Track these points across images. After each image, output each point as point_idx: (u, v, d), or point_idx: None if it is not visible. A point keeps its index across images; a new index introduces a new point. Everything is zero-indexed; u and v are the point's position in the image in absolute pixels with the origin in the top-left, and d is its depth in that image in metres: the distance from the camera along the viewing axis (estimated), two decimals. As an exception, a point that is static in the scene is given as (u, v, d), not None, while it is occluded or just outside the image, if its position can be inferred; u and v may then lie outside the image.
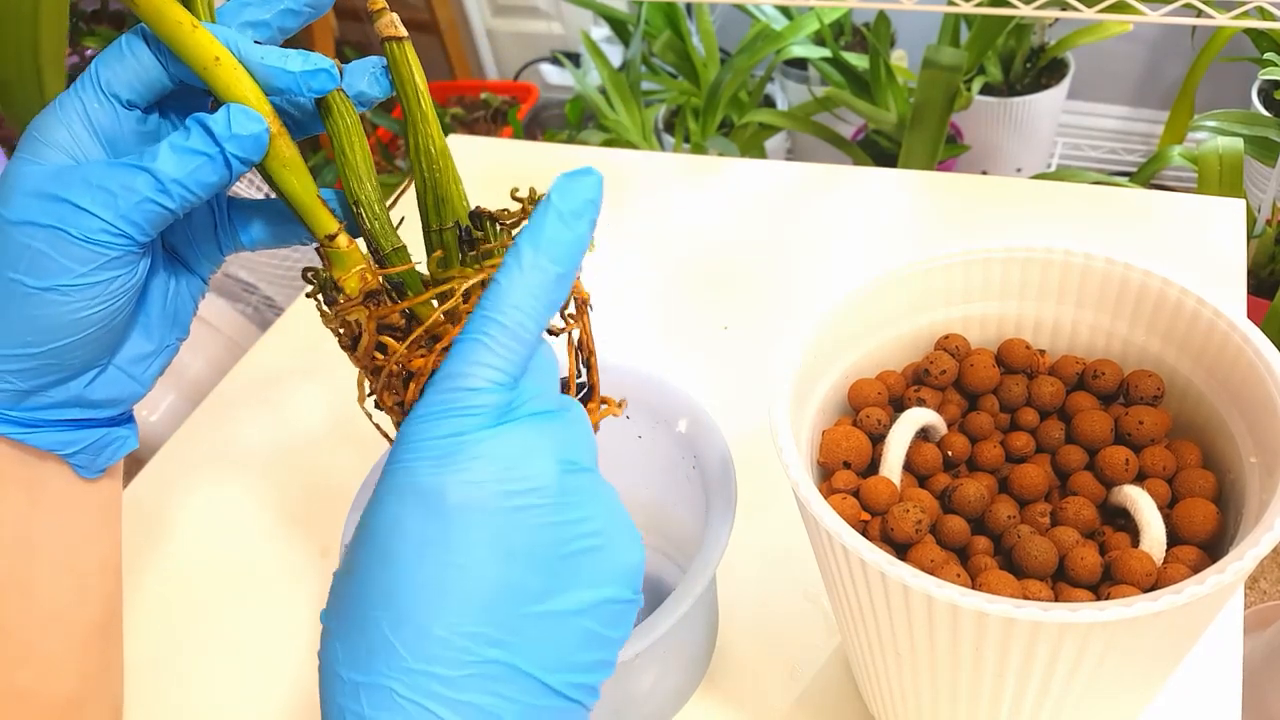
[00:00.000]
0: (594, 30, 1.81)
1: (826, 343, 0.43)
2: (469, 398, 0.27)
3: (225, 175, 0.31)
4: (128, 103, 0.32)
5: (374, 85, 0.34)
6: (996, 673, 0.35)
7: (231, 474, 0.68)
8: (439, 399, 0.27)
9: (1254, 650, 0.94)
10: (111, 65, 0.32)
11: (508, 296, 0.28)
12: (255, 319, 1.26)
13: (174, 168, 0.30)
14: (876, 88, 1.42)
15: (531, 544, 0.26)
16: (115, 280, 0.32)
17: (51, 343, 0.32)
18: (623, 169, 0.89)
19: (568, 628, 0.27)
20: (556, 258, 0.28)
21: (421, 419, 0.27)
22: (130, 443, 0.38)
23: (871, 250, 0.77)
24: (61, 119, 0.32)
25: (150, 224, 0.31)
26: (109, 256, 0.31)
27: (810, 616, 0.54)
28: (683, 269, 0.77)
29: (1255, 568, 0.61)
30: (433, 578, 0.26)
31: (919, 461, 0.43)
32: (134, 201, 0.30)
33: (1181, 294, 0.41)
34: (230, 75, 0.31)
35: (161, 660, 0.58)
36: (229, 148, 0.31)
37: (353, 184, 0.34)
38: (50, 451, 0.35)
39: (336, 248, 0.33)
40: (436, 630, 0.25)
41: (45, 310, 0.31)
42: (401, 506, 0.26)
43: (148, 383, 0.37)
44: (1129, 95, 1.67)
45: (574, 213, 0.28)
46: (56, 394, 0.34)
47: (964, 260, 0.45)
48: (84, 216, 0.30)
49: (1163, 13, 0.80)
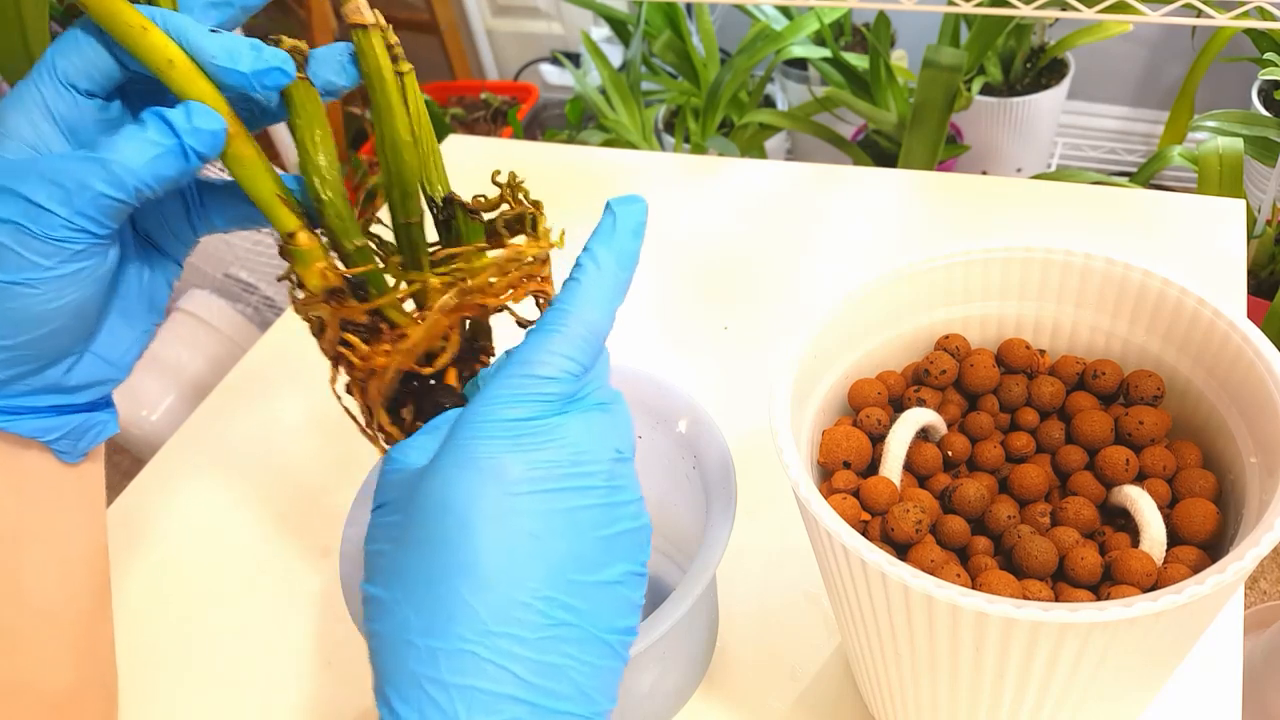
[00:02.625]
0: (594, 30, 1.81)
1: (826, 343, 0.43)
2: (543, 385, 0.29)
3: (184, 168, 0.31)
4: (86, 92, 0.32)
5: (342, 74, 0.33)
6: (997, 673, 0.35)
7: (232, 473, 0.68)
8: (514, 383, 0.29)
9: (1254, 650, 0.94)
10: (67, 55, 0.31)
11: (587, 292, 0.30)
12: (255, 319, 1.26)
13: (130, 159, 0.30)
14: (876, 88, 1.42)
15: (593, 520, 0.29)
16: (84, 270, 0.31)
17: (25, 334, 0.32)
18: (623, 169, 0.89)
19: (614, 594, 0.29)
20: (625, 264, 0.31)
21: (495, 400, 0.29)
22: (111, 427, 0.38)
23: (871, 250, 0.77)
24: (21, 109, 0.31)
25: (107, 217, 0.31)
26: (73, 250, 0.30)
27: (810, 616, 0.54)
28: (683, 269, 0.77)
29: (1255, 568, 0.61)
30: (512, 544, 0.27)
31: (919, 461, 0.43)
32: (88, 197, 0.30)
33: (1181, 294, 0.41)
34: (185, 77, 0.31)
35: (163, 659, 0.58)
36: (188, 141, 0.30)
37: (314, 181, 0.33)
38: (32, 438, 0.35)
39: (297, 245, 0.33)
40: (519, 595, 0.27)
41: (15, 303, 0.31)
42: (475, 479, 0.28)
43: (126, 368, 0.37)
44: (1129, 95, 1.67)
45: (634, 229, 0.32)
46: (34, 382, 0.34)
47: (964, 260, 0.45)
48: (42, 214, 0.30)
49: (1163, 13, 0.80)
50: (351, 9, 0.32)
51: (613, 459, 0.30)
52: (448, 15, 1.89)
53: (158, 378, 1.17)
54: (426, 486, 0.28)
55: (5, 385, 0.33)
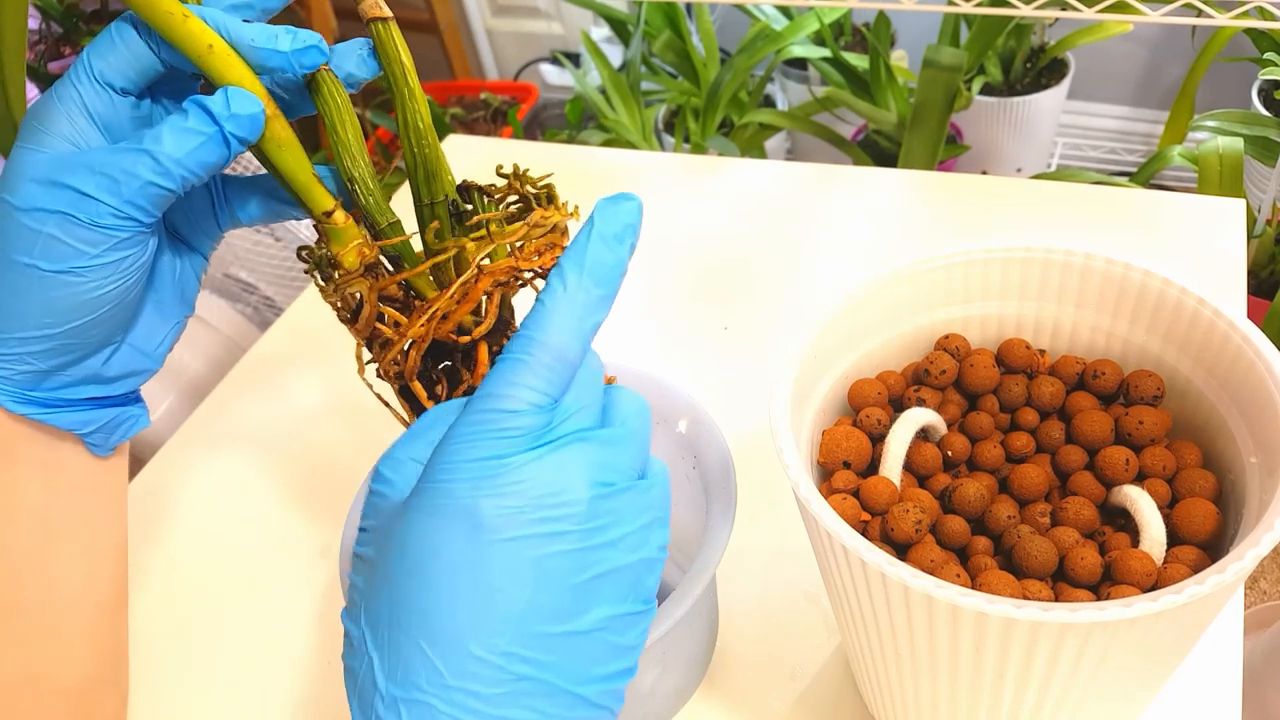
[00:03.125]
0: (594, 30, 1.81)
1: (826, 343, 0.43)
2: (508, 419, 0.27)
3: (224, 155, 0.32)
4: (121, 90, 0.33)
5: (362, 66, 0.34)
6: (996, 673, 0.35)
7: (231, 473, 0.68)
8: (478, 419, 0.27)
9: (1254, 650, 0.94)
10: (104, 55, 0.32)
11: (551, 317, 0.28)
12: (255, 319, 1.26)
13: (174, 148, 0.31)
14: (876, 88, 1.42)
15: (561, 568, 0.27)
16: (126, 259, 0.33)
17: (69, 323, 0.33)
18: (623, 169, 0.89)
19: (591, 642, 0.27)
20: (599, 279, 0.29)
21: (460, 439, 0.27)
22: (142, 421, 0.39)
23: (871, 250, 0.77)
24: (61, 108, 0.32)
25: (154, 205, 0.32)
26: (119, 238, 0.32)
27: (810, 616, 0.54)
28: (683, 269, 0.77)
29: (1255, 568, 0.61)
30: (468, 598, 0.26)
31: (919, 461, 0.43)
32: (137, 185, 0.31)
33: (1181, 294, 0.41)
34: (224, 62, 0.32)
35: (164, 658, 0.58)
36: (228, 127, 0.31)
37: (346, 161, 0.34)
38: (68, 431, 0.36)
39: (334, 224, 0.34)
40: (474, 649, 0.26)
41: (61, 292, 0.32)
42: (437, 526, 0.26)
43: (159, 359, 0.38)
44: (1129, 95, 1.67)
45: (615, 236, 0.29)
46: (75, 372, 0.35)
47: (964, 260, 0.45)
48: (91, 203, 0.31)
49: (1163, 13, 0.80)
50: (370, 4, 0.33)
51: (595, 495, 0.27)
52: (448, 15, 1.89)
53: (157, 378, 1.17)
54: (395, 527, 0.28)
55: (47, 376, 0.35)
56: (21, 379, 0.34)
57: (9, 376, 0.34)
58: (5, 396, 0.35)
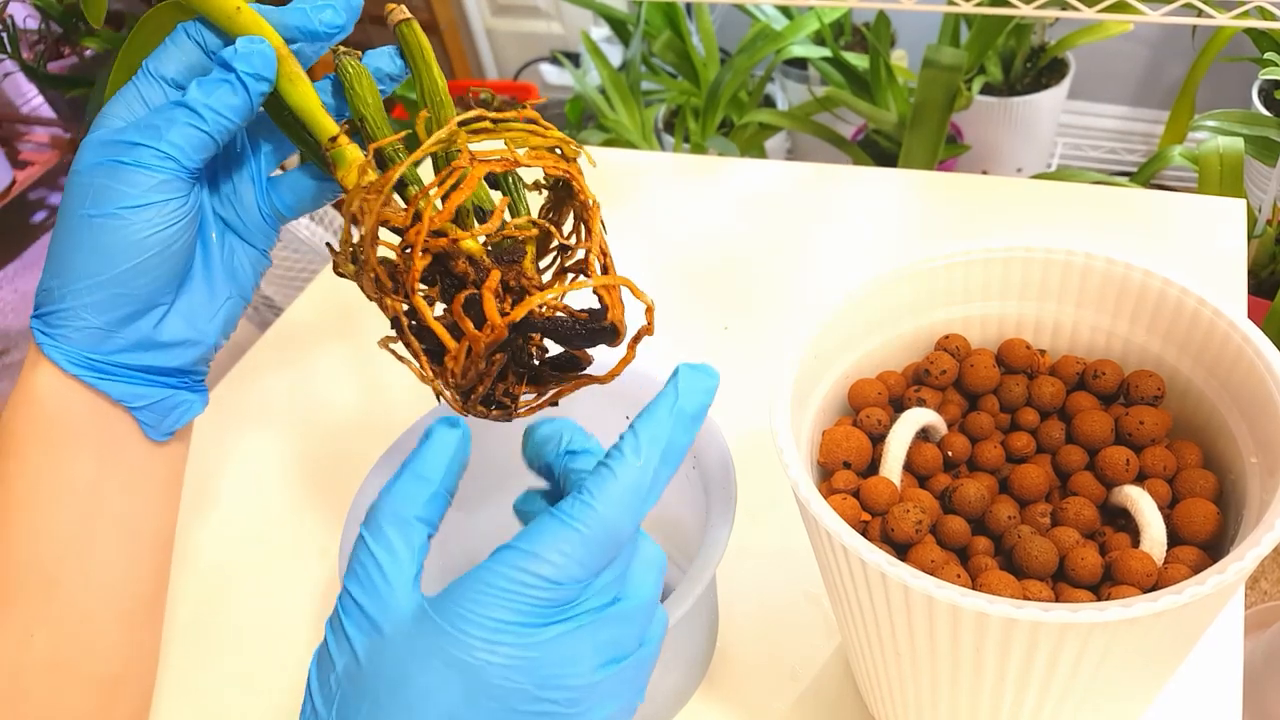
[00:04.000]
0: (594, 30, 1.81)
1: (826, 343, 0.43)
2: (542, 588, 0.27)
3: (244, 94, 0.36)
4: (173, 81, 0.37)
5: (391, 64, 0.39)
6: (997, 673, 0.35)
7: (231, 473, 0.68)
8: (514, 575, 0.27)
9: (1254, 650, 0.94)
10: (159, 56, 0.37)
11: (619, 491, 0.28)
12: (255, 319, 1.26)
13: (202, 95, 0.35)
14: (876, 88, 1.42)
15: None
16: (168, 204, 0.35)
17: (116, 267, 0.35)
18: (623, 169, 0.89)
19: None
20: (670, 458, 0.28)
21: (489, 589, 0.27)
22: (197, 407, 0.40)
23: (871, 250, 0.76)
24: (124, 100, 0.37)
25: (191, 146, 0.35)
26: (159, 179, 0.35)
27: (810, 616, 0.54)
28: (683, 269, 0.77)
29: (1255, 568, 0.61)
30: None
31: (919, 461, 0.42)
32: (174, 128, 0.35)
33: (1182, 294, 0.41)
34: (250, 19, 0.36)
35: (166, 655, 0.58)
36: (240, 66, 0.35)
37: (358, 105, 0.37)
38: (120, 403, 0.37)
39: (339, 148, 0.36)
40: None
41: (109, 236, 0.35)
42: (439, 671, 0.27)
43: (212, 336, 0.39)
44: (1129, 95, 1.67)
45: (696, 414, 0.29)
46: (128, 334, 0.37)
47: (964, 260, 0.45)
48: (136, 149, 0.35)
49: (1163, 13, 0.80)
50: (394, 10, 0.38)
51: (598, 666, 0.28)
52: (448, 15, 1.89)
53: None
54: (393, 650, 0.27)
55: (104, 338, 0.36)
56: (80, 338, 0.36)
57: (68, 335, 0.36)
58: (61, 355, 0.36)
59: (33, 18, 1.71)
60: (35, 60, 1.69)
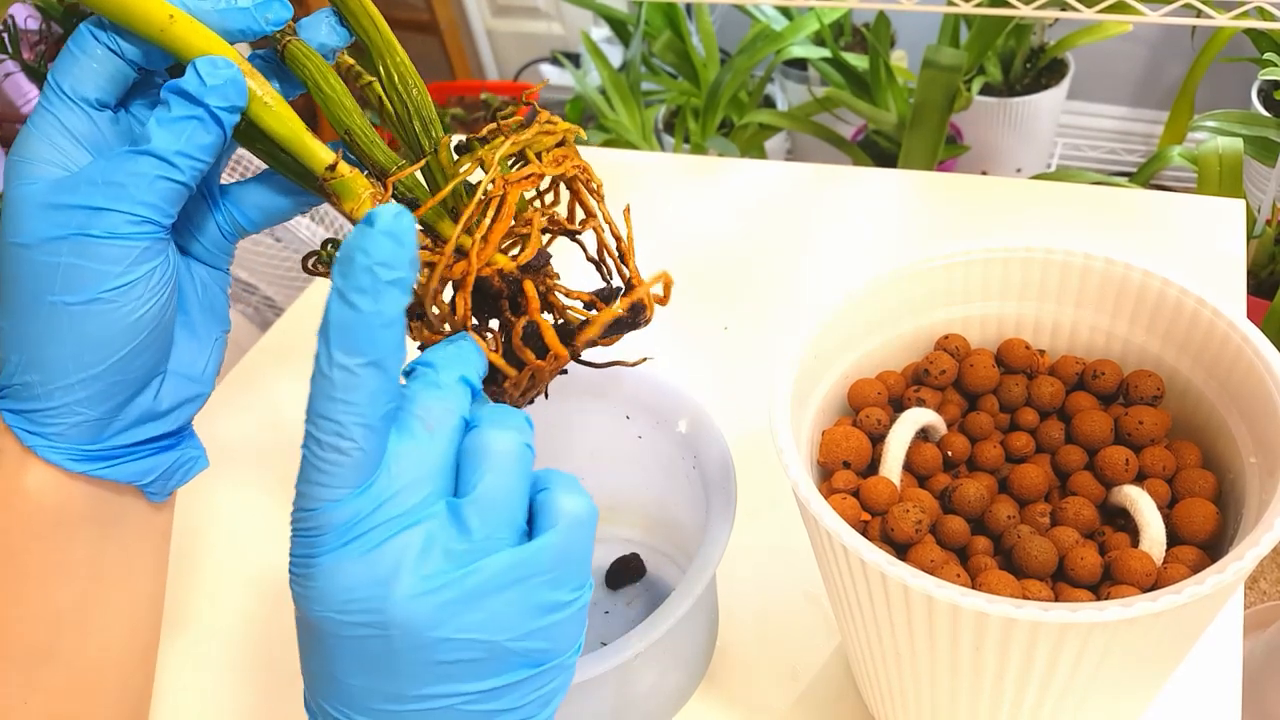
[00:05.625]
0: (594, 30, 1.81)
1: (826, 343, 0.43)
2: (309, 519, 0.26)
3: (218, 132, 0.31)
4: (97, 103, 0.31)
5: (333, 34, 0.34)
6: (996, 673, 0.35)
7: (231, 472, 0.68)
8: (295, 516, 0.27)
9: (1254, 650, 0.94)
10: (68, 70, 0.31)
11: (312, 406, 0.26)
12: (255, 319, 1.26)
13: (170, 140, 0.30)
14: (876, 88, 1.42)
15: (386, 660, 0.26)
16: (154, 272, 0.31)
17: (111, 356, 0.31)
18: (623, 169, 0.89)
19: (452, 711, 0.27)
20: (350, 347, 0.25)
21: (292, 533, 0.27)
22: (201, 462, 0.37)
23: (871, 250, 0.77)
24: (40, 135, 0.31)
25: (168, 202, 0.30)
26: (140, 247, 0.30)
27: (810, 616, 0.54)
28: (682, 269, 0.77)
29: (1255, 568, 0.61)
30: (324, 672, 0.28)
31: (919, 461, 0.43)
32: (145, 184, 0.30)
33: (1181, 294, 0.41)
34: (188, 29, 0.30)
35: (161, 660, 0.58)
36: (210, 101, 0.30)
37: (339, 115, 0.33)
38: (130, 483, 0.34)
39: (340, 178, 0.32)
40: (352, 717, 0.27)
41: (96, 323, 0.30)
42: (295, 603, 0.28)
43: (209, 382, 0.36)
44: (1129, 95, 1.67)
45: (357, 287, 0.24)
46: (129, 413, 0.33)
47: (964, 260, 0.45)
48: (103, 215, 0.29)
49: (1163, 13, 0.80)
50: None
51: (408, 597, 0.26)
52: (448, 15, 1.89)
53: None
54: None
55: (103, 426, 0.32)
56: (76, 433, 0.32)
57: (61, 433, 0.32)
58: (61, 455, 0.32)
59: (33, 18, 1.70)
60: (36, 60, 1.69)
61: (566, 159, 0.33)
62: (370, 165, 0.33)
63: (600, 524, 0.59)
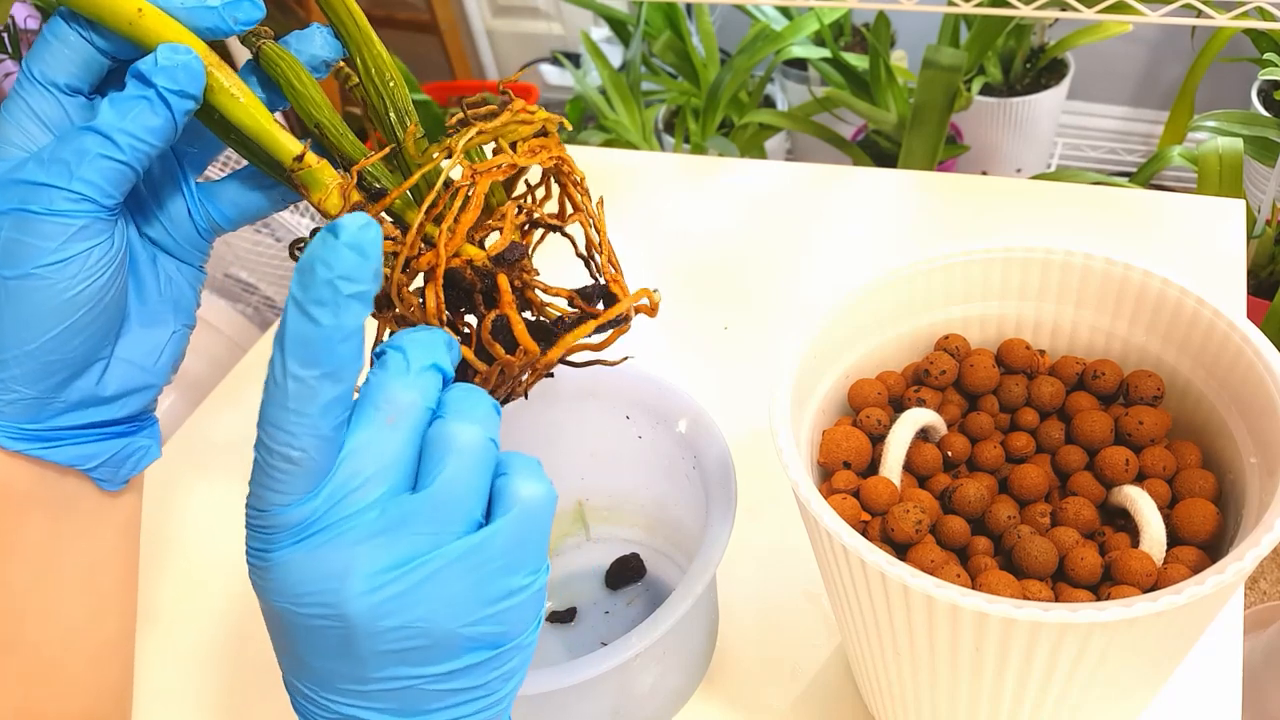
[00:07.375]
0: (594, 30, 1.81)
1: (826, 343, 0.43)
2: (261, 518, 0.27)
3: (166, 115, 0.31)
4: (68, 88, 0.32)
5: (326, 47, 0.34)
6: (996, 673, 0.35)
7: (232, 473, 0.68)
8: (249, 513, 0.27)
9: (1254, 650, 0.94)
10: (41, 56, 0.31)
11: (264, 413, 0.26)
12: (255, 319, 1.26)
13: (115, 118, 0.30)
14: (876, 88, 1.42)
15: (345, 647, 0.27)
16: (92, 252, 0.31)
17: (44, 334, 0.31)
18: (623, 169, 0.89)
19: (414, 690, 0.28)
20: (306, 360, 0.25)
21: (247, 527, 0.28)
22: (153, 453, 0.37)
23: (871, 250, 0.77)
24: (10, 119, 0.31)
25: (108, 181, 0.30)
26: (77, 225, 0.30)
27: (810, 616, 0.54)
28: (682, 269, 0.77)
29: (1255, 568, 0.61)
30: (291, 655, 0.29)
31: (919, 461, 0.43)
32: (86, 161, 0.30)
33: (1181, 294, 0.41)
34: (156, 22, 0.31)
35: (160, 661, 0.58)
36: (159, 82, 0.30)
37: (309, 109, 0.33)
38: (72, 467, 0.34)
39: (308, 168, 0.32)
40: (322, 695, 0.29)
41: (29, 299, 0.30)
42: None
43: (161, 374, 0.36)
44: (1129, 95, 1.67)
45: (317, 300, 0.25)
46: (68, 396, 0.33)
47: (964, 260, 0.45)
48: (43, 191, 0.30)
49: (1163, 13, 0.80)
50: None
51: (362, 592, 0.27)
52: (448, 15, 1.89)
53: (158, 379, 1.17)
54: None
55: (42, 405, 0.33)
56: (14, 411, 0.32)
57: (0, 410, 0.32)
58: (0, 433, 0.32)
59: (33, 18, 1.71)
60: (35, 60, 1.69)
61: (544, 149, 0.33)
62: (339, 157, 0.33)
63: (600, 524, 0.59)
